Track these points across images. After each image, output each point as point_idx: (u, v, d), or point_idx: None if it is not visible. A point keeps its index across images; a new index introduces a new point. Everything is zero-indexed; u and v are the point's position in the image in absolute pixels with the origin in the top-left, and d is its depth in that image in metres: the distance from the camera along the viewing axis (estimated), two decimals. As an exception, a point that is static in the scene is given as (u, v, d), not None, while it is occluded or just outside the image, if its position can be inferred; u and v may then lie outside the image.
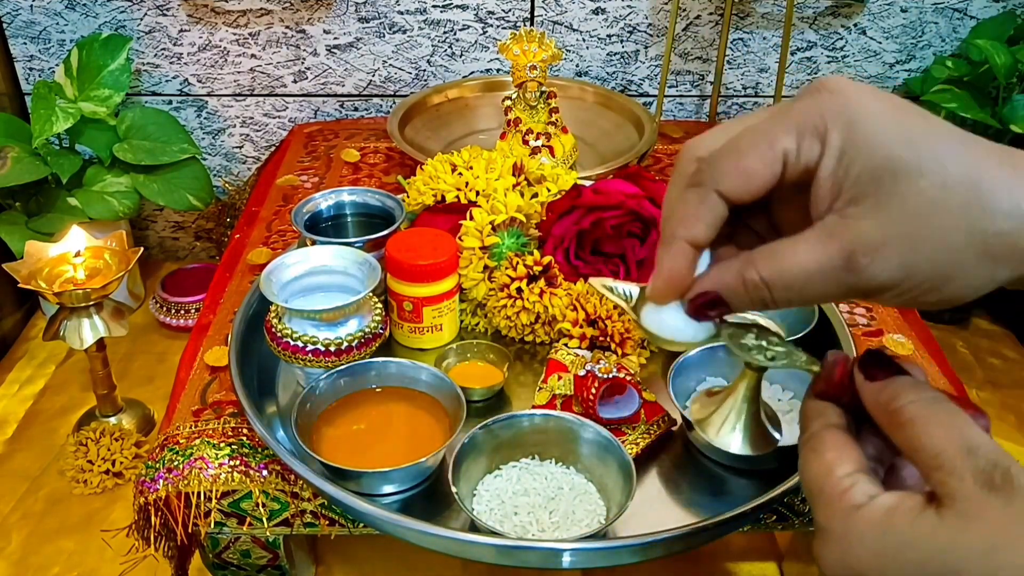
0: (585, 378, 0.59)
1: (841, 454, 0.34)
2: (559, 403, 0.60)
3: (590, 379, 0.58)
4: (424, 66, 1.12)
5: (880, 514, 0.31)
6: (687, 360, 0.61)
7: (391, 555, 0.80)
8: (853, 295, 0.34)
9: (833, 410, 0.36)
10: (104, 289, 0.80)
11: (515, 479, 0.56)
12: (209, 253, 1.25)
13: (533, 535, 0.50)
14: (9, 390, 1.01)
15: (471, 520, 0.53)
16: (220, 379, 0.66)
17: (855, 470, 0.33)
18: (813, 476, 0.34)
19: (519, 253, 0.67)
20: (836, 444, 0.34)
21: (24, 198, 1.00)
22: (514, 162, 0.70)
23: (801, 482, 0.35)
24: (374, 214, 0.73)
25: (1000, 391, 1.04)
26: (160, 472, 0.58)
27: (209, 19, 1.08)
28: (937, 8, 1.09)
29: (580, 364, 0.61)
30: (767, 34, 1.10)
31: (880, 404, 0.35)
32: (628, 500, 0.51)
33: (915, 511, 0.31)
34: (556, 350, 0.64)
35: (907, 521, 0.31)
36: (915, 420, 0.33)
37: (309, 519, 0.61)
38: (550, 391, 0.61)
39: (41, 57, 1.09)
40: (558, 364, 0.62)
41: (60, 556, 0.79)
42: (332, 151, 1.04)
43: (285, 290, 0.61)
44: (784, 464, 0.57)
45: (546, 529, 0.52)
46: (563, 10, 1.09)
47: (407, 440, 0.56)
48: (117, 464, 0.86)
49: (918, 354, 0.70)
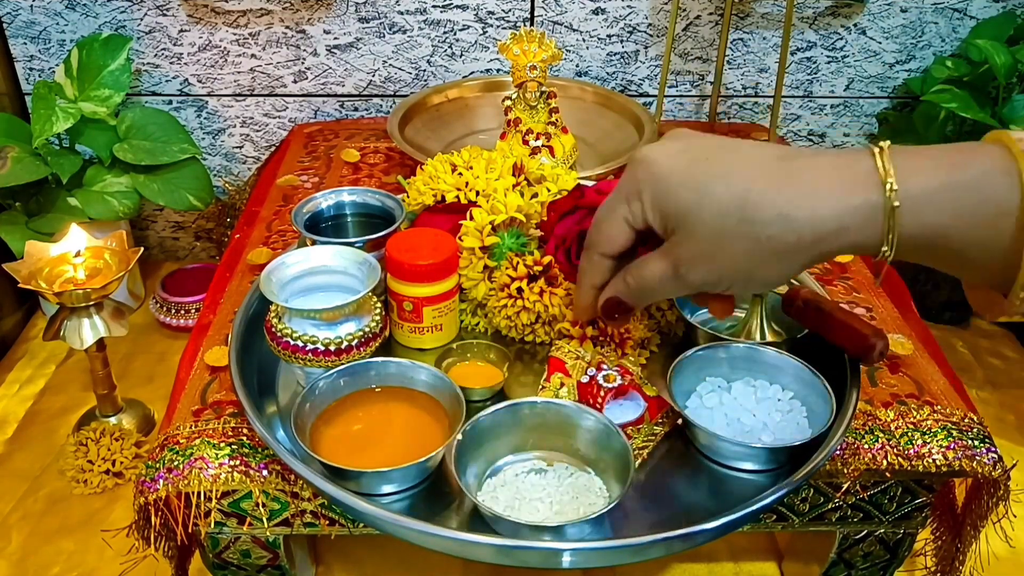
0: (588, 385, 0.59)
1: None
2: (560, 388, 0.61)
3: (594, 387, 0.58)
4: (424, 66, 1.12)
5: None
6: (687, 360, 0.61)
7: (391, 555, 0.80)
8: (691, 292, 0.50)
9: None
10: (104, 289, 0.80)
11: (516, 469, 0.56)
12: (209, 253, 1.25)
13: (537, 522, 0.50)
14: (9, 390, 1.01)
15: (472, 516, 0.53)
16: (220, 379, 0.66)
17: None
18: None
19: (519, 253, 0.67)
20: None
21: (24, 198, 1.00)
22: (514, 162, 0.70)
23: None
24: (374, 214, 0.73)
25: (1000, 391, 1.04)
26: (160, 472, 0.58)
27: (209, 19, 1.08)
28: (937, 8, 1.09)
29: (581, 369, 0.61)
30: (767, 34, 1.10)
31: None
32: (628, 485, 0.51)
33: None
34: (557, 348, 0.63)
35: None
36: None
37: (309, 519, 0.61)
38: (553, 391, 0.61)
39: (41, 57, 1.09)
40: (559, 362, 0.62)
41: (60, 556, 0.79)
42: (332, 151, 1.04)
43: (285, 290, 0.61)
44: (783, 464, 0.57)
45: (548, 517, 0.52)
46: (563, 10, 1.09)
47: (407, 440, 0.56)
48: (117, 464, 0.86)
49: (918, 354, 0.70)
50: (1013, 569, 0.79)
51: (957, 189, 0.39)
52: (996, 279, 0.40)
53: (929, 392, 0.66)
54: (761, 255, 0.43)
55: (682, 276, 0.47)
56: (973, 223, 0.39)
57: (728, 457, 0.57)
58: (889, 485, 0.63)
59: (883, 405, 0.65)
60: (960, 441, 0.62)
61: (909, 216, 0.40)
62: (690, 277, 0.47)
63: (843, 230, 0.41)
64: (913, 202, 0.40)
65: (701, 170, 0.45)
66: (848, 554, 0.69)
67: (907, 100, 1.15)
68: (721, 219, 0.43)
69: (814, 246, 0.42)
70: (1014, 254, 0.38)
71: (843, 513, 0.64)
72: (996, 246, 0.39)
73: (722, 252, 0.44)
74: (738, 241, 0.43)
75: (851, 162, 0.42)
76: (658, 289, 0.50)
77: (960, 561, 0.70)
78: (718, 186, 0.44)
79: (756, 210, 0.42)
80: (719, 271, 0.45)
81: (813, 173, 0.42)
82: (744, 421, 0.58)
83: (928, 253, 0.41)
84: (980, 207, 0.39)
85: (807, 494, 0.63)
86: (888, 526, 0.66)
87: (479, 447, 0.56)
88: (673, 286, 0.49)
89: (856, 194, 0.41)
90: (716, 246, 0.44)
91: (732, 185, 0.43)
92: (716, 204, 0.43)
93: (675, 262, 0.47)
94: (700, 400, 0.60)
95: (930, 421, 0.63)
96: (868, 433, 0.62)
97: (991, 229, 0.39)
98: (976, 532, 0.68)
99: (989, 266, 0.40)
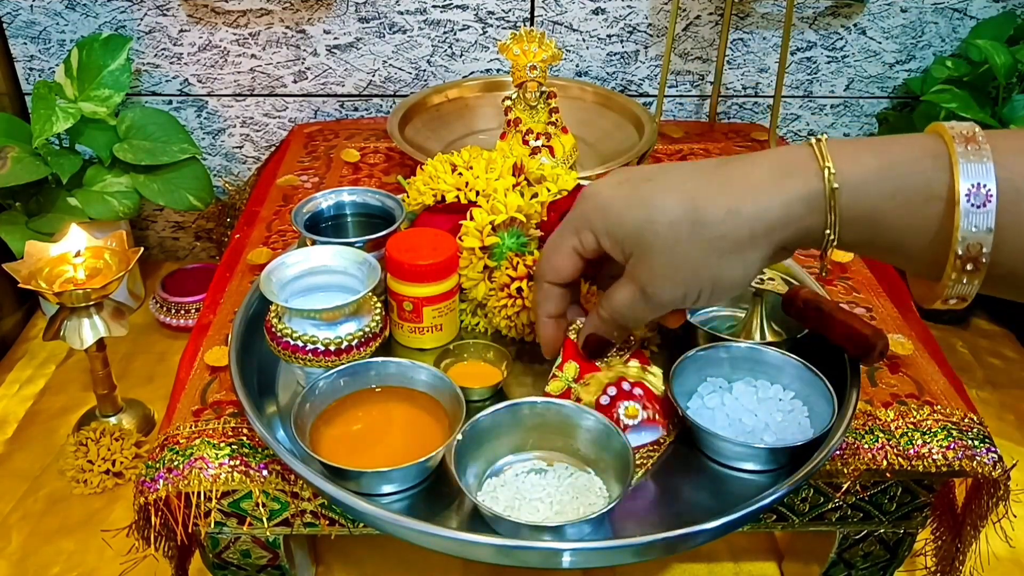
0: (609, 407, 0.57)
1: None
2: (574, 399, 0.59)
3: (614, 415, 0.57)
4: (424, 66, 1.12)
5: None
6: (688, 360, 0.61)
7: (391, 555, 0.80)
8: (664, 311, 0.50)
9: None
10: (104, 289, 0.80)
11: (516, 469, 0.56)
12: (209, 253, 1.25)
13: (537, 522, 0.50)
14: (9, 390, 1.01)
15: (472, 516, 0.53)
16: (220, 379, 0.66)
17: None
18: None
19: (519, 253, 0.67)
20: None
21: (24, 198, 1.00)
22: (514, 162, 0.70)
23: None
24: (374, 214, 0.73)
25: (1000, 391, 1.04)
26: (160, 472, 0.58)
27: (209, 19, 1.08)
28: (937, 8, 1.09)
29: (599, 386, 0.58)
30: (767, 34, 1.10)
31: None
32: (628, 485, 0.51)
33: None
34: (574, 330, 0.60)
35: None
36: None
37: (309, 519, 0.61)
38: (566, 381, 0.59)
39: (41, 57, 1.09)
40: (575, 347, 0.60)
41: (60, 556, 0.79)
42: (332, 151, 1.04)
43: (285, 290, 0.61)
44: (784, 464, 0.57)
45: (548, 517, 0.52)
46: (563, 10, 1.09)
47: (407, 440, 0.56)
48: (117, 464, 0.86)
49: (918, 354, 0.70)
50: (1013, 569, 0.79)
51: (891, 173, 0.41)
52: (931, 267, 0.41)
53: (929, 392, 0.66)
54: (719, 256, 0.44)
55: (650, 296, 0.48)
56: (906, 207, 0.40)
57: (729, 457, 0.57)
58: (889, 485, 0.63)
59: (883, 405, 0.65)
60: (960, 441, 0.62)
61: (848, 199, 0.41)
62: (658, 295, 0.47)
63: (790, 218, 0.43)
64: (851, 187, 0.41)
65: (646, 190, 0.46)
66: (848, 554, 0.69)
67: (907, 100, 1.15)
68: (673, 229, 0.44)
69: (767, 237, 0.43)
70: (943, 239, 0.39)
71: (843, 513, 0.64)
72: (927, 230, 0.40)
73: (682, 263, 0.45)
74: (694, 247, 0.44)
75: (790, 156, 0.43)
76: (630, 315, 0.51)
77: (960, 561, 0.70)
78: (666, 199, 0.45)
79: (705, 212, 0.44)
80: (684, 283, 0.46)
81: (755, 171, 0.44)
82: (745, 421, 0.58)
83: (869, 239, 0.42)
84: (912, 191, 0.40)
85: (807, 494, 0.63)
86: (888, 526, 0.66)
87: (479, 447, 0.56)
88: (644, 308, 0.49)
89: (797, 183, 0.42)
90: (674, 257, 0.45)
91: (679, 195, 0.45)
92: (666, 216, 0.45)
93: (641, 284, 0.48)
94: (701, 400, 0.60)
95: (930, 421, 0.63)
96: (868, 433, 0.62)
97: (922, 213, 0.40)
98: (976, 532, 0.68)
99: (923, 253, 0.41)
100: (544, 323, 0.58)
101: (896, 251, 0.42)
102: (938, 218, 0.39)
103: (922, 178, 0.40)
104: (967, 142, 0.39)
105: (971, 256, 0.39)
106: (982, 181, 0.38)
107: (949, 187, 0.39)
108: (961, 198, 0.38)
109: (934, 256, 0.40)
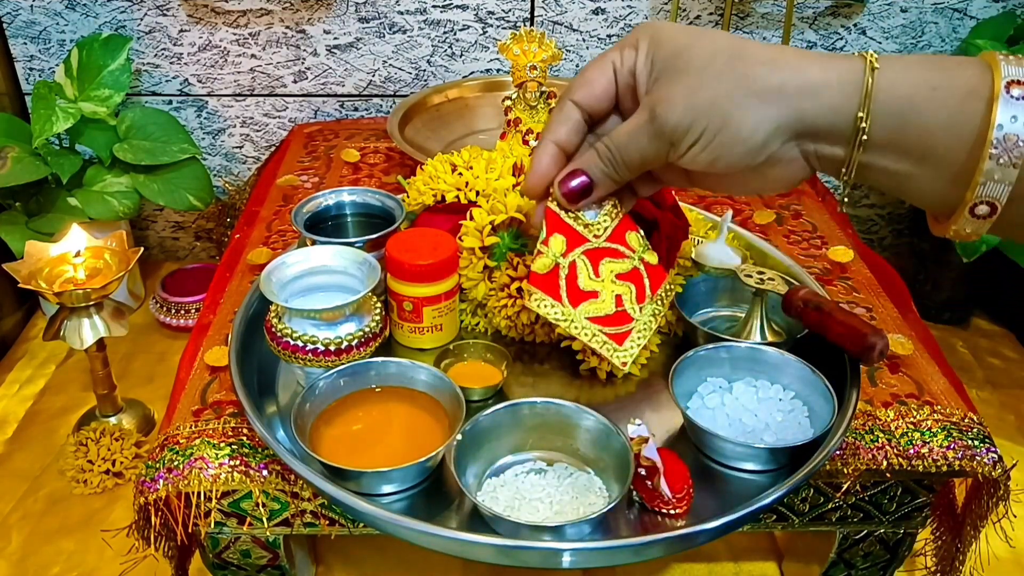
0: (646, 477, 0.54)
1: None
2: (563, 277, 0.55)
3: (648, 485, 0.54)
4: (424, 66, 1.12)
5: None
6: (688, 360, 0.61)
7: (391, 555, 0.80)
8: (665, 145, 0.46)
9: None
10: (104, 289, 0.80)
11: (516, 469, 0.56)
12: (209, 253, 1.25)
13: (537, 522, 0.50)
14: (9, 390, 1.01)
15: (472, 516, 0.53)
16: (220, 379, 0.66)
17: None
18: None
19: (519, 253, 0.67)
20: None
21: (24, 198, 1.00)
22: (514, 162, 0.70)
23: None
24: (374, 214, 0.73)
25: (1000, 391, 1.04)
26: (160, 472, 0.58)
27: (209, 19, 1.08)
28: (937, 8, 1.09)
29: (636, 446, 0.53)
30: (767, 34, 1.10)
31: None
32: (628, 485, 0.51)
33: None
34: (554, 200, 0.53)
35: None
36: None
37: (309, 519, 0.61)
38: (553, 257, 0.55)
39: (41, 57, 1.09)
40: (556, 219, 0.54)
41: (60, 556, 0.79)
42: (332, 151, 1.04)
43: (285, 290, 0.61)
44: (784, 464, 0.57)
45: (548, 517, 0.52)
46: (563, 10, 1.09)
47: (407, 440, 0.56)
48: (117, 464, 0.86)
49: (918, 354, 0.70)
50: (1013, 569, 0.79)
51: (933, 66, 0.41)
52: (958, 176, 0.41)
53: (929, 392, 0.66)
54: (742, 95, 0.43)
55: (658, 117, 0.46)
56: (945, 100, 0.40)
57: (730, 457, 0.57)
58: (889, 485, 0.63)
59: (883, 405, 0.65)
60: (960, 441, 0.62)
61: (886, 82, 0.41)
62: (666, 117, 0.45)
63: (825, 86, 0.42)
64: (892, 70, 0.41)
65: (702, 30, 0.47)
66: (848, 554, 0.69)
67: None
68: (712, 57, 0.44)
69: (795, 99, 0.43)
70: (979, 138, 0.39)
71: (843, 513, 0.64)
72: (963, 128, 0.40)
73: (705, 87, 0.44)
74: (723, 77, 0.44)
75: (836, 55, 0.45)
76: (630, 144, 0.48)
77: (960, 561, 0.70)
78: (716, 35, 0.46)
79: (747, 51, 0.44)
80: (696, 109, 0.44)
81: (801, 51, 0.45)
82: (746, 421, 0.58)
83: (899, 137, 0.42)
84: (953, 85, 0.40)
85: (807, 494, 0.63)
86: (888, 526, 0.66)
87: (479, 447, 0.56)
88: (645, 136, 0.47)
89: (839, 61, 0.43)
90: (701, 79, 0.44)
91: (730, 38, 0.45)
92: (710, 44, 0.45)
93: (654, 103, 0.46)
94: (701, 400, 0.60)
95: (930, 421, 0.63)
96: (868, 433, 0.62)
97: (961, 108, 0.40)
98: (976, 532, 0.68)
99: (954, 155, 0.41)
100: (544, 147, 0.51)
101: (925, 154, 0.41)
102: (977, 115, 0.39)
103: (965, 77, 0.40)
104: (1011, 57, 0.39)
105: (1007, 147, 0.38)
106: (1022, 79, 0.38)
107: (990, 86, 0.39)
108: (1001, 91, 0.38)
109: (965, 160, 0.40)
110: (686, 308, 0.68)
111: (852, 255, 0.83)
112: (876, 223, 1.25)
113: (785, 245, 0.85)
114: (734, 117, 0.44)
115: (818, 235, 0.87)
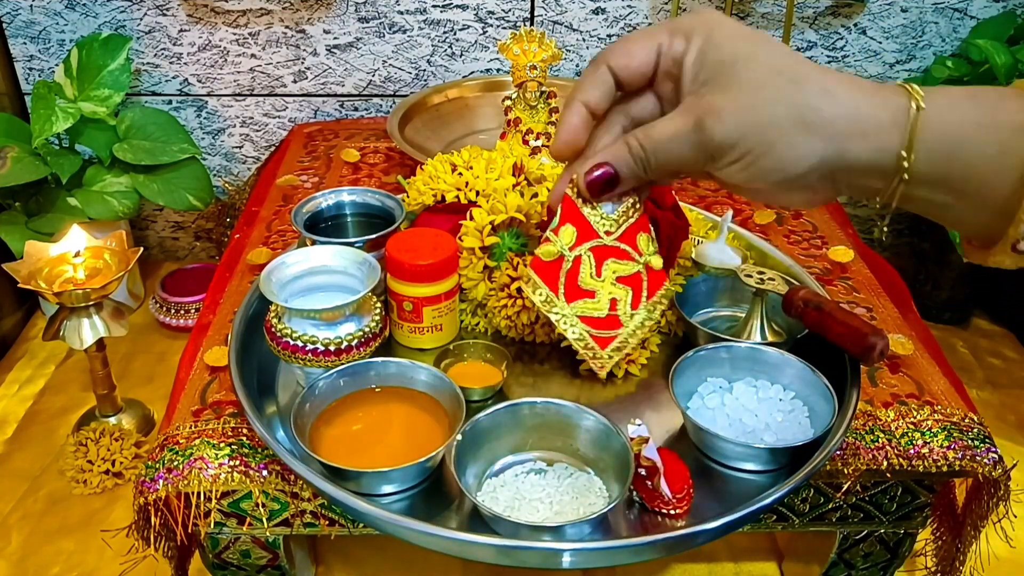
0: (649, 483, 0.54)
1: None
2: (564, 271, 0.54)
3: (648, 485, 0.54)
4: (424, 66, 1.12)
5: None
6: (688, 360, 0.60)
7: (391, 555, 0.80)
8: (704, 156, 0.45)
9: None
10: (104, 289, 0.80)
11: (516, 469, 0.56)
12: (209, 253, 1.25)
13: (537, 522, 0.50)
14: (9, 390, 1.01)
15: (472, 516, 0.53)
16: (220, 379, 0.66)
17: None
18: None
19: (519, 253, 0.67)
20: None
21: (24, 198, 1.00)
22: (514, 162, 0.70)
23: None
24: (374, 214, 0.73)
25: (1000, 391, 1.04)
26: (160, 472, 0.58)
27: (209, 19, 1.08)
28: (937, 8, 1.09)
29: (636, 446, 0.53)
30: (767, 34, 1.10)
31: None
32: (628, 485, 0.51)
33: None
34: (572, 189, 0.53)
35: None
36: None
37: (309, 519, 0.61)
38: (560, 248, 0.54)
39: (41, 57, 1.09)
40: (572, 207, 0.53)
41: (60, 556, 0.79)
42: (332, 151, 1.04)
43: (285, 290, 0.61)
44: (784, 464, 0.57)
45: (548, 517, 0.52)
46: (563, 10, 1.09)
47: (406, 440, 0.56)
48: (117, 464, 0.86)
49: (918, 354, 0.70)
50: (1013, 569, 0.79)
51: (980, 102, 0.41)
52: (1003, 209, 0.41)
53: (929, 392, 0.66)
54: (791, 124, 0.42)
55: (706, 128, 0.44)
56: (989, 137, 0.40)
57: (730, 457, 0.57)
58: (889, 485, 0.63)
59: (883, 405, 0.65)
60: (960, 441, 0.62)
61: (933, 119, 0.41)
62: (714, 129, 0.44)
63: (876, 127, 0.41)
64: (937, 108, 0.40)
65: (761, 37, 0.45)
66: (848, 554, 0.69)
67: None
68: (769, 76, 0.43)
69: (844, 138, 0.42)
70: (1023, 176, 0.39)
71: (843, 513, 0.64)
72: (1009, 164, 0.39)
73: (758, 109, 0.43)
74: (778, 104, 0.42)
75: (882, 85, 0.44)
76: (669, 147, 0.46)
77: (960, 561, 0.70)
78: (775, 49, 0.44)
79: (805, 79, 0.42)
80: (745, 130, 0.43)
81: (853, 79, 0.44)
82: (746, 421, 0.58)
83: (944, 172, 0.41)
84: (997, 121, 0.40)
85: (807, 494, 0.63)
86: (888, 526, 0.66)
87: (479, 447, 0.56)
88: (688, 143, 0.45)
89: (887, 93, 0.42)
90: (756, 100, 0.43)
91: (790, 56, 0.44)
92: (769, 59, 0.43)
93: (702, 112, 0.44)
94: (702, 400, 0.60)
95: (930, 421, 0.63)
96: (868, 433, 0.62)
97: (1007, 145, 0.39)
98: (976, 532, 0.68)
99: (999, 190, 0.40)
100: (574, 107, 0.49)
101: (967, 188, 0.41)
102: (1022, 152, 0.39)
103: (1012, 113, 0.39)
104: None
105: None
106: None
107: None
108: None
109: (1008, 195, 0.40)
110: (686, 308, 0.68)
111: (852, 255, 0.83)
112: (876, 223, 1.25)
113: (785, 245, 0.85)
114: (780, 145, 0.43)
115: (818, 235, 0.87)
